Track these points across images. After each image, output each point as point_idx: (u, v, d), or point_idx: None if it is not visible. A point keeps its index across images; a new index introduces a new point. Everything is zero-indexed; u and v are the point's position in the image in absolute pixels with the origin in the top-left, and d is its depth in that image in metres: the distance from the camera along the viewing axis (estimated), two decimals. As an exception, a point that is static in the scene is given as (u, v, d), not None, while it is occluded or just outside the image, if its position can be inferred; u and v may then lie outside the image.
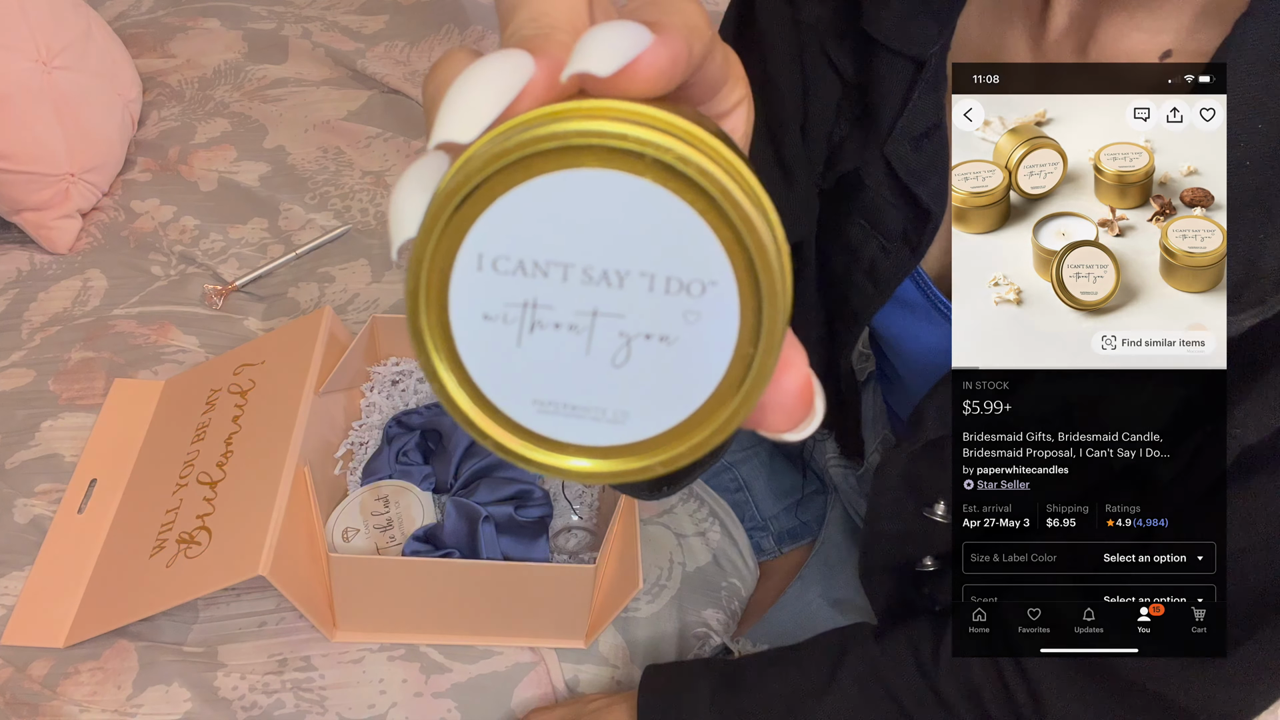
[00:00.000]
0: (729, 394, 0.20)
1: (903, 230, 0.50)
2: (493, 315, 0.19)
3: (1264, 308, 0.36)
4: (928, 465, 0.54)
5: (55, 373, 0.91)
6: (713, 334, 0.19)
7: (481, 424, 0.20)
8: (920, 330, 0.54)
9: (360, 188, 1.15)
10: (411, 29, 1.41)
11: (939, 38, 0.45)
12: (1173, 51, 0.39)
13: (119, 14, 1.41)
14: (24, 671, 0.69)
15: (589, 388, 0.20)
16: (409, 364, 0.86)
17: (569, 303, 0.19)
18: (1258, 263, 0.36)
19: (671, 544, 0.81)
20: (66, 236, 1.04)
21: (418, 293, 0.19)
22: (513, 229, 0.19)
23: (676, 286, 0.19)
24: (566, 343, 0.19)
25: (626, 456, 0.20)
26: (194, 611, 0.73)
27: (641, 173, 0.18)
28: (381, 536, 0.74)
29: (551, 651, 0.72)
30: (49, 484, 0.82)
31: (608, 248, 0.19)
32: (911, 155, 0.48)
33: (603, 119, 0.18)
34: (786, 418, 0.21)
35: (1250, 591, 0.45)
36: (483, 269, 0.19)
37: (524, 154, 0.18)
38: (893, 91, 0.47)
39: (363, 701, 0.69)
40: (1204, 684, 0.47)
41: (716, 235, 0.18)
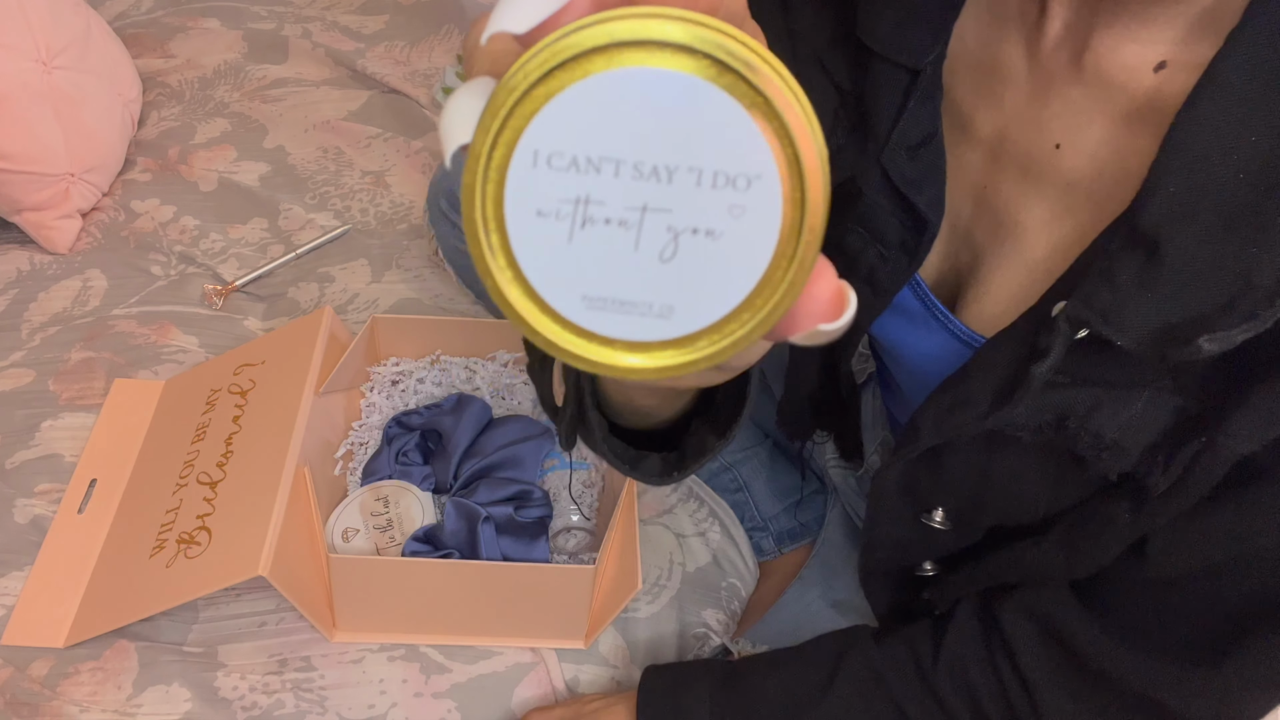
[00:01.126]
0: (772, 287, 0.20)
1: (901, 239, 0.50)
2: (546, 211, 0.20)
3: (1257, 322, 0.36)
4: (925, 473, 0.54)
5: (55, 373, 0.91)
6: (757, 228, 0.20)
7: (533, 320, 0.21)
8: (917, 338, 0.53)
9: (360, 188, 1.15)
10: (411, 29, 1.41)
11: (934, 47, 0.45)
12: (1167, 63, 0.39)
13: (119, 14, 1.41)
14: (24, 671, 0.69)
15: (637, 283, 0.20)
16: (409, 364, 0.86)
17: (620, 198, 0.20)
18: (1251, 277, 0.36)
19: (671, 544, 0.81)
20: (66, 236, 1.04)
21: (474, 188, 0.20)
22: (568, 125, 0.19)
23: (723, 181, 0.19)
24: (616, 238, 0.20)
25: (672, 350, 0.21)
26: (194, 611, 0.73)
27: (692, 69, 0.19)
28: (381, 537, 0.74)
29: (551, 652, 0.72)
30: (49, 484, 0.82)
31: (658, 143, 0.19)
32: (908, 164, 0.47)
33: (654, 18, 0.18)
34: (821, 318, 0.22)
35: (1240, 604, 0.45)
36: (538, 165, 0.19)
37: (578, 51, 0.18)
38: (888, 100, 0.47)
39: (363, 702, 0.69)
40: (1197, 691, 0.47)
41: (762, 130, 0.19)
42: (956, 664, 0.55)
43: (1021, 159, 0.46)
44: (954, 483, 0.53)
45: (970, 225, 0.50)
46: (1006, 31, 0.45)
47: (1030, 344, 0.43)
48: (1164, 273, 0.38)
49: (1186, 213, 0.37)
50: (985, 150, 0.47)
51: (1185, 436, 0.42)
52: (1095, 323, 0.39)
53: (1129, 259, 0.39)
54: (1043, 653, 0.52)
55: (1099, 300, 0.39)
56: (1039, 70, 0.44)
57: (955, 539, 0.57)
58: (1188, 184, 0.37)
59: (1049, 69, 0.43)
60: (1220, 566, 0.45)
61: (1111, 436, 0.43)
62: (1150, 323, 0.38)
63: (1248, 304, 0.36)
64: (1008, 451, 0.48)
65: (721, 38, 0.18)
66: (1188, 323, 0.37)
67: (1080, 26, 0.41)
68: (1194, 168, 0.37)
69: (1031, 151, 0.45)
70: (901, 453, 0.53)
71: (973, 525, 0.55)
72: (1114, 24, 0.40)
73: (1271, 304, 0.36)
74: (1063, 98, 0.43)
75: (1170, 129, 0.37)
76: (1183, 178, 0.37)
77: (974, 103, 0.47)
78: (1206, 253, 0.37)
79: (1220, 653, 0.46)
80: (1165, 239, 0.37)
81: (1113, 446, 0.44)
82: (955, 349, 0.51)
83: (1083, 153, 0.43)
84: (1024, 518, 0.52)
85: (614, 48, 0.19)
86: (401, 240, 1.08)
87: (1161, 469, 0.42)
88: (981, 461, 0.50)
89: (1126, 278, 0.39)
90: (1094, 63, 0.41)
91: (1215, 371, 0.40)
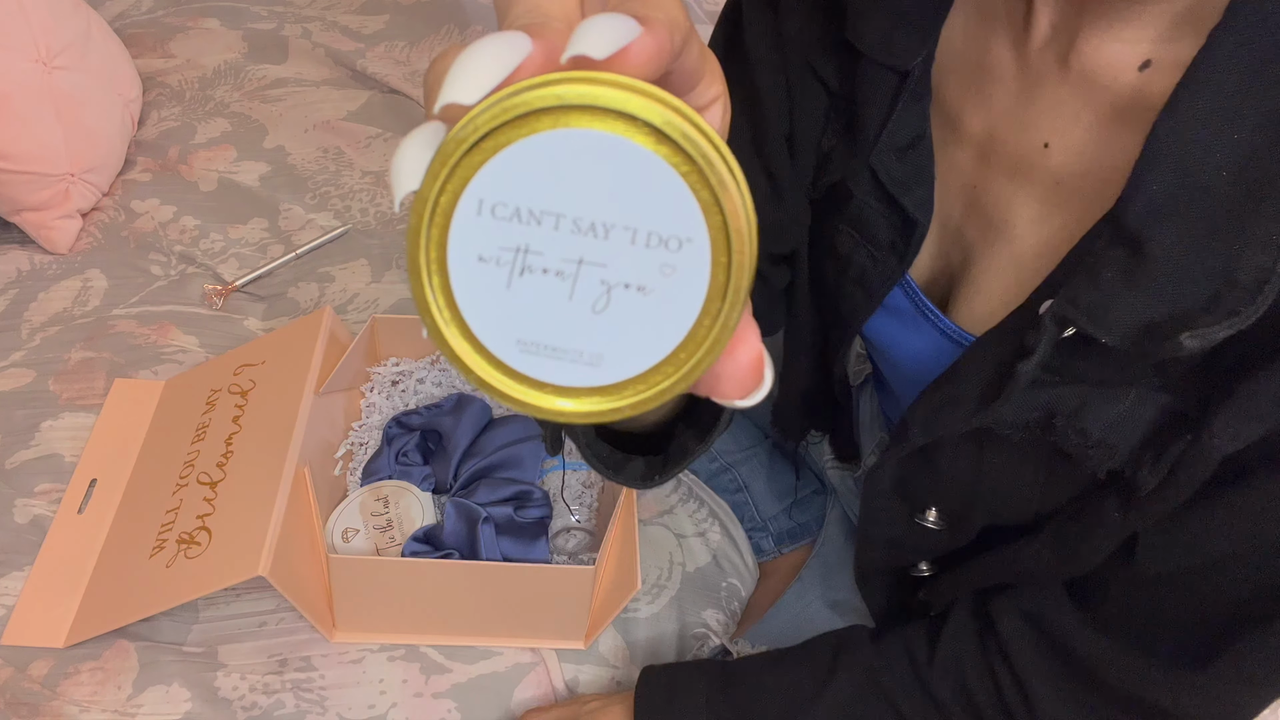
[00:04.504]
0: (696, 344, 0.21)
1: (890, 240, 0.50)
2: (487, 258, 0.21)
3: (1239, 319, 0.36)
4: (917, 472, 0.54)
5: (55, 373, 0.91)
6: (685, 287, 0.21)
7: (469, 360, 0.22)
8: (908, 338, 0.54)
9: (360, 188, 1.15)
10: (411, 29, 1.41)
11: (921, 49, 0.46)
12: (1151, 61, 0.40)
13: (119, 14, 1.41)
14: (24, 671, 0.69)
15: (570, 331, 0.22)
16: (409, 364, 0.86)
17: (558, 250, 0.21)
18: (1233, 274, 0.36)
19: (671, 545, 0.81)
20: (66, 236, 1.04)
21: (419, 231, 0.21)
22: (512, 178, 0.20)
23: (656, 241, 0.21)
24: (552, 287, 0.21)
25: (599, 397, 0.22)
26: (194, 612, 0.73)
27: (632, 135, 0.20)
28: (381, 537, 0.74)
29: (551, 652, 0.72)
30: (49, 484, 0.82)
31: (597, 201, 0.20)
32: (896, 166, 0.48)
33: (599, 85, 0.20)
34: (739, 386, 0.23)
35: (1229, 603, 0.45)
36: (481, 214, 0.21)
37: (526, 110, 0.20)
38: (877, 102, 0.47)
39: (363, 702, 0.69)
40: (1189, 691, 0.47)
41: (695, 197, 0.20)
42: (952, 663, 0.55)
43: (1010, 158, 0.46)
44: (946, 482, 0.53)
45: (961, 225, 0.50)
46: (994, 32, 0.45)
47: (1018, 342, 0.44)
48: (1148, 270, 0.38)
49: (1169, 210, 0.37)
50: (975, 150, 0.47)
51: (1172, 435, 0.42)
52: (1080, 321, 0.40)
53: (1113, 257, 0.39)
54: (1037, 653, 0.52)
55: (1084, 298, 0.40)
56: (1027, 70, 0.44)
57: (949, 539, 0.57)
58: (1170, 182, 0.37)
59: (1036, 69, 0.43)
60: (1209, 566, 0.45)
61: (1099, 434, 0.44)
62: (1134, 320, 0.39)
63: (1230, 301, 0.36)
64: (998, 450, 0.49)
65: (662, 108, 0.20)
66: (1171, 320, 0.38)
67: (1066, 26, 0.41)
68: (1176, 165, 0.37)
69: (1020, 150, 0.45)
70: (893, 451, 0.53)
71: (966, 525, 0.55)
72: (1099, 23, 0.40)
73: (1253, 301, 0.36)
74: (1050, 97, 0.43)
75: (1153, 127, 0.37)
76: (1165, 176, 0.37)
77: (963, 103, 0.47)
78: (1189, 250, 0.37)
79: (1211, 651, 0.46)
80: (1149, 237, 0.38)
81: (1100, 444, 0.44)
82: (946, 348, 0.51)
83: (1070, 151, 0.43)
84: (1016, 517, 0.52)
85: (561, 110, 0.20)
86: (401, 240, 1.08)
87: (1150, 467, 0.43)
88: (973, 460, 0.50)
89: (1111, 276, 0.39)
90: (1080, 62, 0.41)
91: (1201, 369, 0.40)
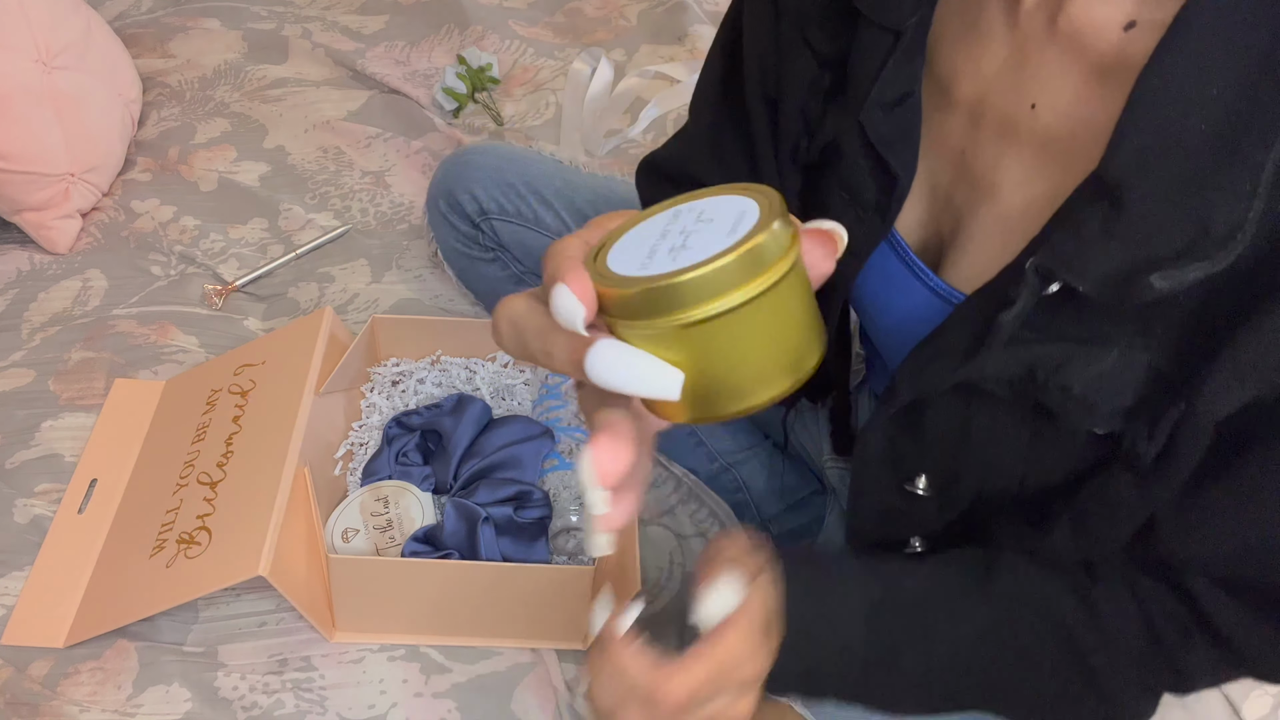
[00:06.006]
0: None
1: (875, 200, 0.52)
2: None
3: (1209, 263, 0.38)
4: (906, 435, 0.55)
5: (55, 373, 0.91)
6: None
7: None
8: (900, 301, 0.55)
9: (360, 188, 1.15)
10: (411, 29, 1.41)
11: (916, 9, 0.47)
12: (1136, 22, 0.41)
13: (119, 14, 1.41)
14: (24, 671, 0.69)
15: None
16: (409, 364, 0.86)
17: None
18: (1208, 225, 0.38)
19: (671, 545, 0.81)
20: (66, 236, 1.04)
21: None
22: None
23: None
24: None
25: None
26: (194, 612, 0.73)
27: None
28: (381, 537, 0.74)
29: (551, 652, 0.72)
30: (49, 484, 0.82)
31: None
32: (884, 122, 0.49)
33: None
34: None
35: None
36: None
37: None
38: (871, 62, 0.49)
39: (363, 702, 0.69)
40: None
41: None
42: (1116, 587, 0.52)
43: (999, 120, 0.47)
44: (935, 445, 0.54)
45: (951, 190, 0.51)
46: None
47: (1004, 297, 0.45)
48: (1126, 222, 0.39)
49: (1149, 164, 0.39)
50: (965, 115, 0.49)
51: (1163, 400, 0.43)
52: (1061, 271, 0.41)
53: (1094, 211, 0.41)
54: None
55: (1065, 251, 0.41)
56: (1017, 32, 0.45)
57: (939, 509, 0.57)
58: (1151, 137, 0.39)
59: (1025, 31, 0.45)
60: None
61: (1080, 390, 0.45)
62: (1109, 268, 0.40)
63: (1203, 248, 0.38)
64: (984, 409, 0.50)
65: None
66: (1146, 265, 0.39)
67: None
68: (1157, 122, 0.39)
69: (1009, 112, 0.47)
70: (882, 411, 0.54)
71: (955, 494, 0.55)
72: None
73: (1224, 247, 0.38)
74: (1038, 58, 0.45)
75: (1135, 84, 0.39)
76: (1146, 131, 0.39)
77: (956, 69, 0.49)
78: (1166, 201, 0.39)
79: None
80: (1128, 189, 0.39)
81: (1081, 400, 0.45)
82: (936, 307, 0.52)
83: (1057, 111, 0.45)
84: (1004, 484, 0.52)
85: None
86: (401, 240, 1.08)
87: (1146, 435, 0.44)
88: (960, 421, 0.51)
89: (1092, 228, 0.41)
90: (1068, 23, 0.43)
91: (1183, 328, 0.42)
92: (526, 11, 1.46)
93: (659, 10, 1.46)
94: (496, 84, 1.30)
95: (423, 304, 1.01)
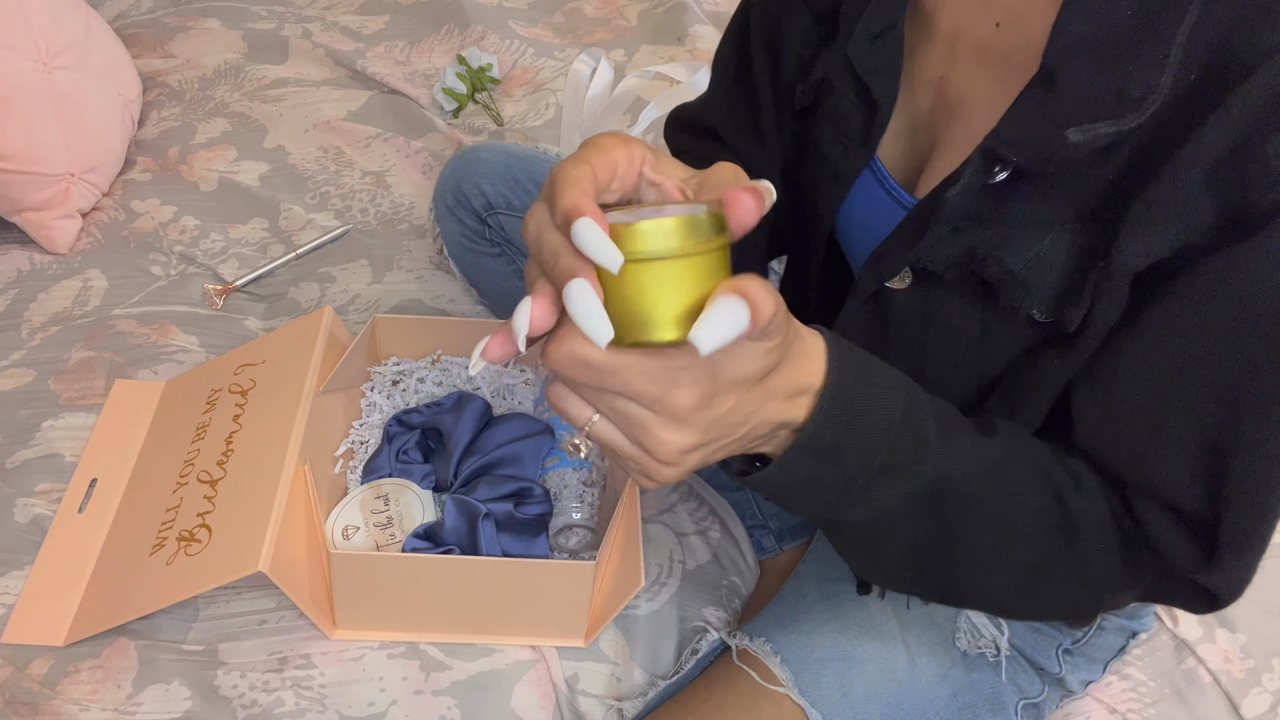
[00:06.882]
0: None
1: (859, 131, 0.56)
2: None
3: (1119, 122, 0.43)
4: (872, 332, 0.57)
5: (55, 373, 0.91)
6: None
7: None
8: (879, 223, 0.57)
9: (360, 188, 1.15)
10: (411, 29, 1.41)
11: None
12: None
13: (119, 14, 1.42)
14: (24, 670, 0.69)
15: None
16: (409, 364, 0.86)
17: None
18: (1126, 91, 0.43)
19: (672, 542, 0.81)
20: (66, 236, 1.04)
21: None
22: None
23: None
24: None
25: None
26: (194, 610, 0.73)
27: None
28: (381, 534, 0.74)
29: (552, 649, 0.72)
30: (49, 483, 0.82)
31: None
32: (868, 52, 0.54)
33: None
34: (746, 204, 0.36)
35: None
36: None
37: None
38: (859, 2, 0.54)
39: (363, 699, 0.69)
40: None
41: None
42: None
43: (973, 45, 0.52)
44: (898, 341, 0.57)
45: (929, 117, 0.55)
46: None
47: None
48: (1057, 99, 0.45)
49: (1079, 48, 0.44)
50: (944, 45, 0.54)
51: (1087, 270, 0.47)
52: (1001, 149, 0.46)
53: (1033, 95, 0.46)
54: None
55: (1005, 133, 0.46)
56: None
57: None
58: (1084, 26, 0.44)
59: None
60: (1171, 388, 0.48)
61: (1019, 269, 0.49)
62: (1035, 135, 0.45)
63: (1117, 110, 0.44)
64: (939, 301, 0.54)
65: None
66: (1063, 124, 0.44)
67: None
68: (1088, 14, 0.44)
69: (978, 35, 0.51)
70: (850, 305, 0.57)
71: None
72: None
73: (1137, 109, 0.43)
74: None
75: None
76: (1079, 23, 0.44)
77: (938, 2, 0.54)
78: (1090, 76, 0.44)
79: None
80: (1060, 71, 0.45)
81: (1020, 278, 0.49)
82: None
83: (1016, 27, 0.49)
84: (963, 384, 0.56)
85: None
86: (402, 240, 1.08)
87: (1072, 304, 0.48)
88: (920, 314, 0.55)
89: (1029, 111, 0.46)
90: None
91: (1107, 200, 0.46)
92: (526, 12, 1.46)
93: (659, 10, 1.46)
94: (496, 84, 1.30)
95: (424, 304, 1.01)
